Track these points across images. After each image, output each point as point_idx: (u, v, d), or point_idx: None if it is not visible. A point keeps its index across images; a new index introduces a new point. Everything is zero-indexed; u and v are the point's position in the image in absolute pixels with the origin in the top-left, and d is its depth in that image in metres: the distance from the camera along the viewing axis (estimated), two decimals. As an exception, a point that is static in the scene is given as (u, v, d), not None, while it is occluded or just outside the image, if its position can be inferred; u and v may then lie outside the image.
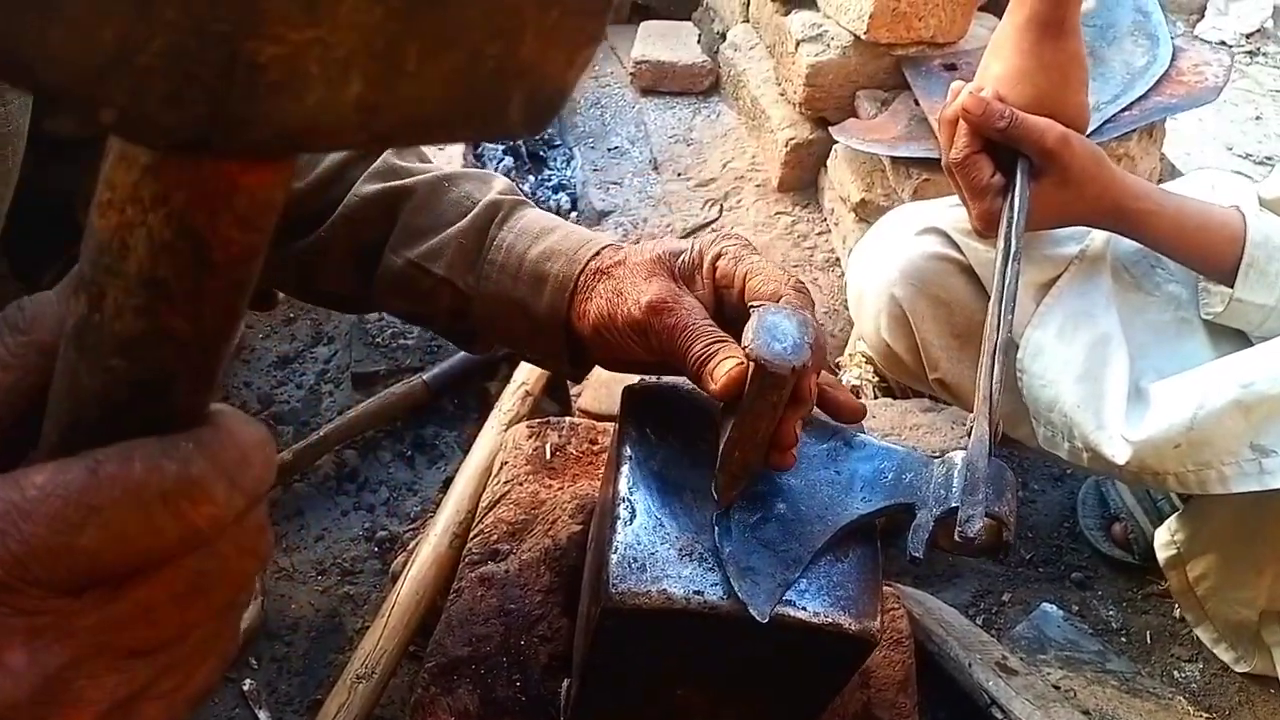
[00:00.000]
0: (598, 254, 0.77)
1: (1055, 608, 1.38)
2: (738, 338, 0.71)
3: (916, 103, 1.62)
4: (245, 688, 1.23)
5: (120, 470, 0.29)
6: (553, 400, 1.49)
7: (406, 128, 0.27)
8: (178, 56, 0.23)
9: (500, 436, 1.31)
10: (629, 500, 0.77)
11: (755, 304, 0.70)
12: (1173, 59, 1.57)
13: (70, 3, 0.22)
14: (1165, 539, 1.36)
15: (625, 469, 0.78)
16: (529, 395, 1.40)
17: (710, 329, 0.70)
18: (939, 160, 1.12)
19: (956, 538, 0.76)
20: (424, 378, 1.46)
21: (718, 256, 0.74)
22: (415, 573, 1.17)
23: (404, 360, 1.53)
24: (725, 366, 0.67)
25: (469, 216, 0.79)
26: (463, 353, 1.49)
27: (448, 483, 1.39)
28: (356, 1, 0.24)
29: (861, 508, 0.78)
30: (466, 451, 1.39)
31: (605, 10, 0.28)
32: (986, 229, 1.07)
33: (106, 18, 0.22)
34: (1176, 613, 1.40)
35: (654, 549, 0.75)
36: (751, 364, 0.66)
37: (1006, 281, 0.97)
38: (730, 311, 0.74)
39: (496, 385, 1.48)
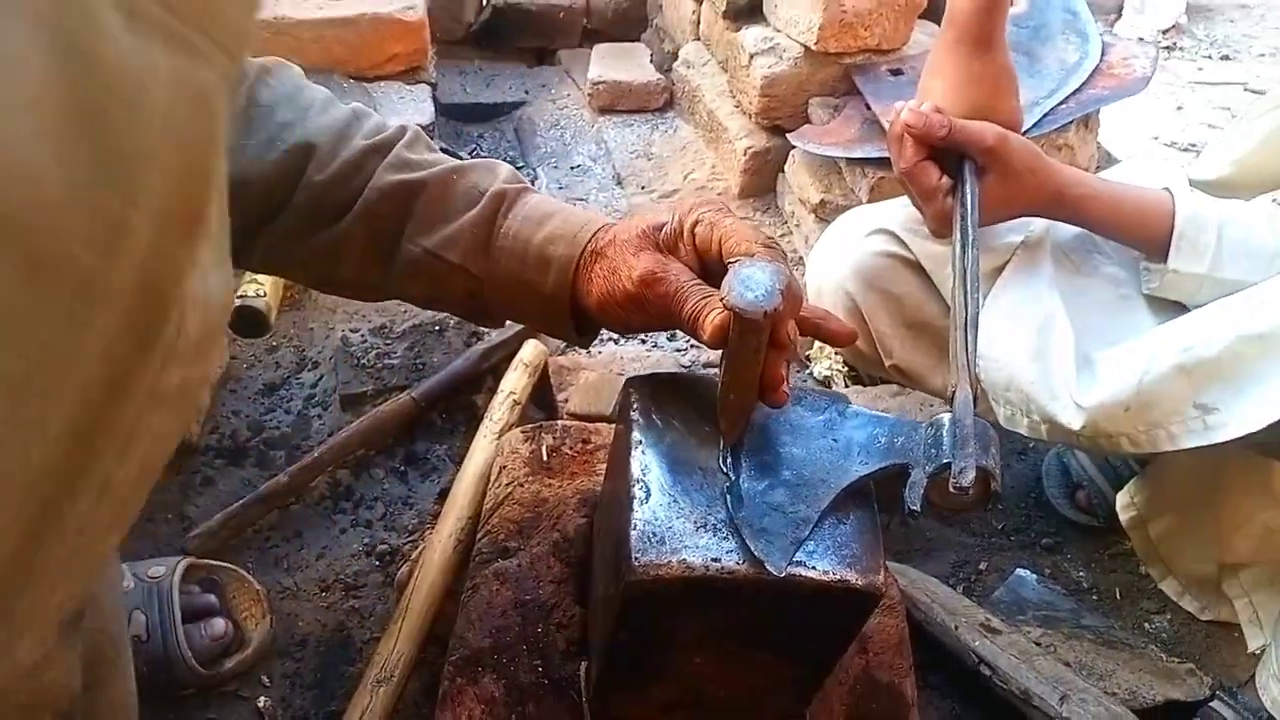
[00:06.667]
0: (594, 236, 0.85)
1: (1029, 572, 1.46)
2: None
3: (868, 106, 1.70)
4: (260, 704, 1.25)
5: None
6: (539, 408, 1.54)
7: None
8: None
9: (494, 444, 1.36)
10: (643, 481, 0.82)
11: (732, 260, 0.77)
12: (1103, 54, 1.67)
13: None
14: (1125, 502, 1.45)
15: (636, 453, 0.83)
16: (517, 404, 1.45)
17: (698, 288, 0.78)
18: (886, 160, 1.20)
19: (951, 489, 0.82)
20: (412, 394, 1.49)
21: (695, 224, 0.82)
22: (424, 578, 1.21)
23: (390, 380, 1.56)
24: (711, 317, 0.75)
25: (478, 207, 0.86)
26: (448, 368, 1.53)
27: (443, 494, 1.42)
28: None
29: (860, 470, 0.84)
30: (458, 463, 1.43)
31: None
32: (942, 227, 1.15)
33: None
34: (1142, 570, 1.48)
35: (670, 523, 0.80)
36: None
37: (968, 265, 1.04)
38: (713, 268, 0.81)
39: (483, 398, 1.52)
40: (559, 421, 1.32)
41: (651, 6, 2.59)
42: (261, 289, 1.33)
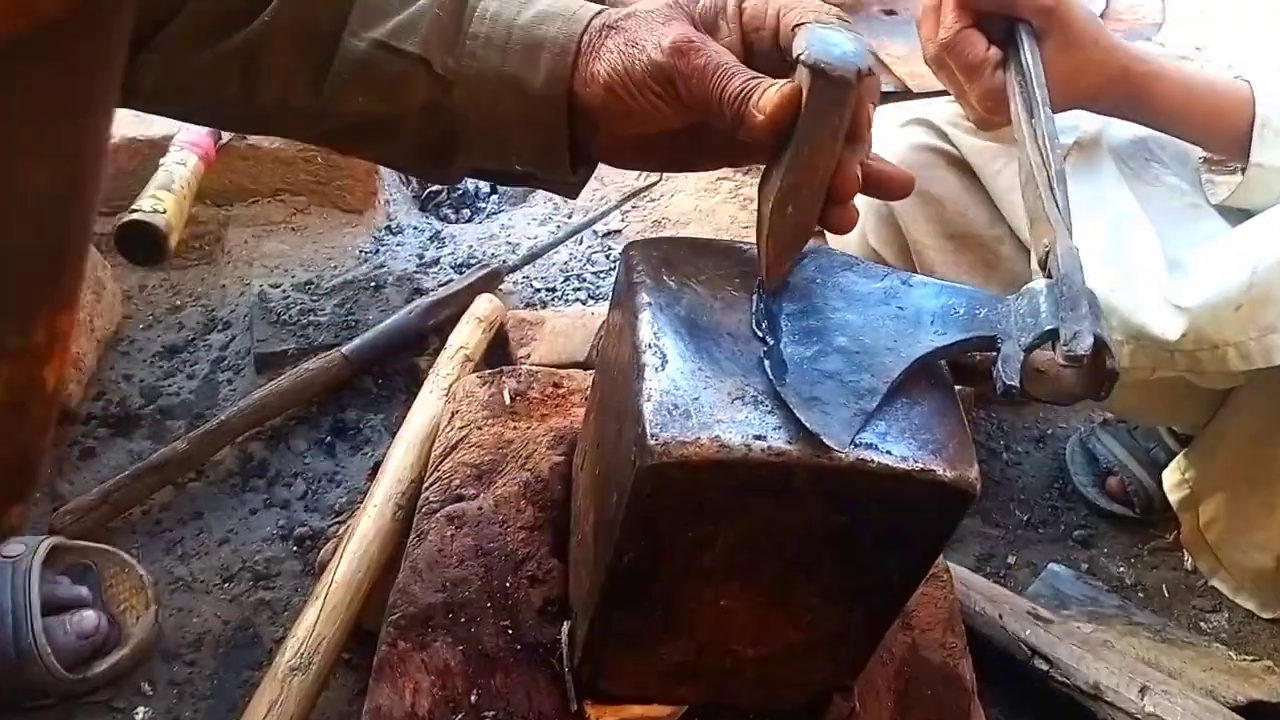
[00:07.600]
0: (602, 11, 0.65)
1: (1064, 567, 1.26)
2: None
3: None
4: (138, 717, 0.99)
5: None
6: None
7: None
8: None
9: (441, 401, 1.13)
10: (657, 346, 0.61)
11: (797, 26, 0.59)
12: (1108, 3, 1.58)
13: None
14: (1176, 479, 1.26)
15: (646, 315, 0.63)
16: (469, 360, 1.23)
17: (746, 69, 0.60)
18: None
19: (1061, 360, 0.62)
20: (343, 350, 1.26)
21: None
22: (354, 548, 0.97)
23: (316, 338, 1.32)
24: (770, 93, 0.57)
25: None
26: (387, 323, 1.30)
27: (377, 470, 1.18)
28: None
29: (936, 340, 0.64)
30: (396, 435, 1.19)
31: None
32: (993, 110, 0.97)
33: None
34: (1188, 564, 1.29)
35: (697, 394, 0.59)
36: (807, 79, 0.55)
37: (1039, 128, 0.86)
38: (763, 61, 0.62)
39: (427, 360, 1.29)
40: (523, 366, 1.10)
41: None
42: (160, 204, 1.09)
